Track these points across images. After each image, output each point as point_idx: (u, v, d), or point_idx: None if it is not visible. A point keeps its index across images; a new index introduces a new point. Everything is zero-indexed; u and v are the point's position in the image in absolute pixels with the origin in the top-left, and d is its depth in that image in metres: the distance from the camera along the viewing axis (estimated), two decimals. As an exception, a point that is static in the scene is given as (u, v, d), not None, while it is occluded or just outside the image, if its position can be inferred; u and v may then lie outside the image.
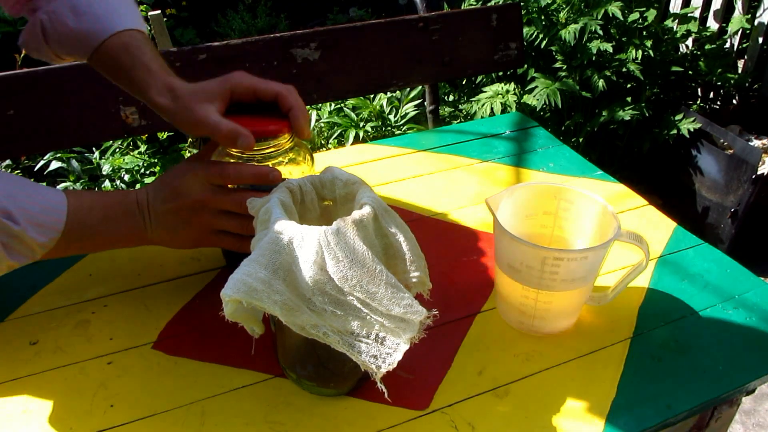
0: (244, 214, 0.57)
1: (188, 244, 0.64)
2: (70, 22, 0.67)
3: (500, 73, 2.07)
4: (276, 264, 0.48)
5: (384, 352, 0.49)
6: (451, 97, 2.17)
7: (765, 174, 1.80)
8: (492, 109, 1.90)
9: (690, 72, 2.13)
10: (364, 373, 0.57)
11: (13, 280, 0.70)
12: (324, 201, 0.57)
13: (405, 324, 0.48)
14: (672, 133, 1.95)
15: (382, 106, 1.91)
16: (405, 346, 0.49)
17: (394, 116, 1.91)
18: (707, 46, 2.17)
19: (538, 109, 1.93)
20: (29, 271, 0.71)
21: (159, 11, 1.54)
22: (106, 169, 1.77)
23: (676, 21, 2.18)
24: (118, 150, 1.83)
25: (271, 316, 0.54)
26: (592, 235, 0.64)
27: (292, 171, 0.64)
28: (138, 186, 1.75)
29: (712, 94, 2.30)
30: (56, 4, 0.68)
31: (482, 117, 1.87)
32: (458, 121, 2.07)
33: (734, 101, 2.27)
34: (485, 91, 1.97)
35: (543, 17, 1.94)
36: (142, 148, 1.84)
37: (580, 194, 0.64)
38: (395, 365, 0.49)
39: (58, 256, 0.60)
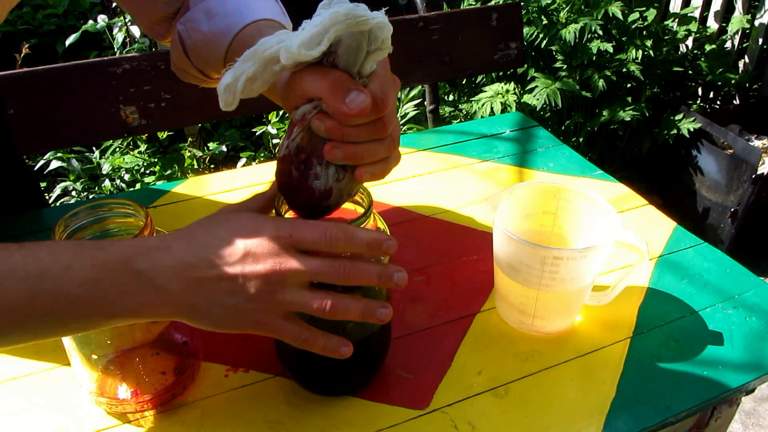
0: (335, 287, 0.46)
1: (237, 328, 0.48)
2: (203, 26, 0.62)
3: (500, 73, 2.07)
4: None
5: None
6: (451, 97, 2.17)
7: (765, 174, 1.80)
8: (492, 108, 1.90)
9: (690, 72, 2.13)
10: (363, 373, 0.57)
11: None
12: None
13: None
14: (672, 132, 1.95)
15: (382, 105, 1.91)
16: None
17: (394, 116, 1.91)
18: (707, 46, 2.18)
19: (538, 109, 1.93)
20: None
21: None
22: (106, 168, 1.77)
23: (676, 21, 2.18)
24: (118, 149, 1.83)
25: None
26: (592, 234, 0.64)
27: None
28: (138, 186, 1.75)
29: (712, 94, 2.30)
30: (192, 12, 0.63)
31: (482, 117, 1.87)
32: (458, 120, 2.07)
33: (734, 101, 2.27)
34: (485, 91, 1.97)
35: (543, 17, 1.94)
36: (142, 147, 1.84)
37: (580, 194, 0.64)
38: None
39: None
